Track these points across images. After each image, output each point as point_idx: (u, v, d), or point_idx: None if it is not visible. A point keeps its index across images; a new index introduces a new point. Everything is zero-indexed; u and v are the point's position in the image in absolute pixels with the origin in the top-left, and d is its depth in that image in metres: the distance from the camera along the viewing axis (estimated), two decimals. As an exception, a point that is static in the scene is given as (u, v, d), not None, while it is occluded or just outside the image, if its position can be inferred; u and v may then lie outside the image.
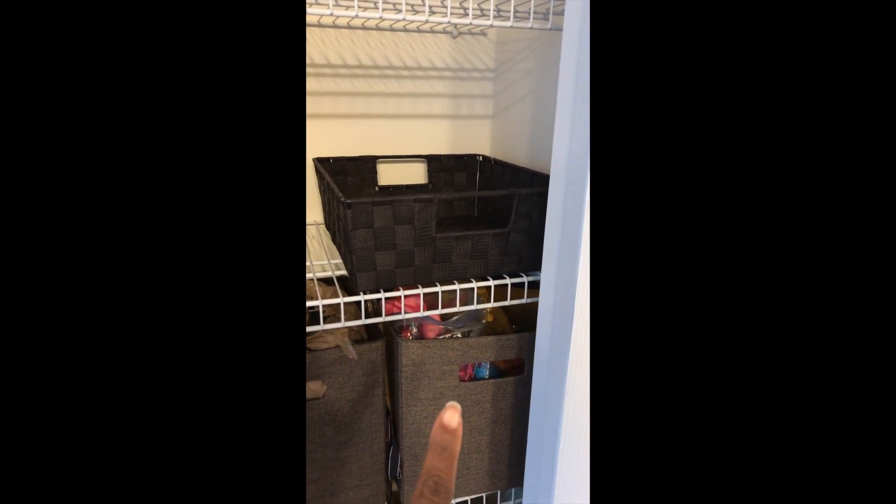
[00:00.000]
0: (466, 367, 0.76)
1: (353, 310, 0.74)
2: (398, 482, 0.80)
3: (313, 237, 0.91)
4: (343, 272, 0.71)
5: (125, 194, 0.25)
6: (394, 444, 0.79)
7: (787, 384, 0.27)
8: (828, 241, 0.27)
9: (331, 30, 0.85)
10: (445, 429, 0.25)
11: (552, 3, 0.60)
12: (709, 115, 0.28)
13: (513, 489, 0.85)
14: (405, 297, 0.65)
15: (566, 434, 0.57)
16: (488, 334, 0.74)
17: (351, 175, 0.90)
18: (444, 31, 0.91)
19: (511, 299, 0.70)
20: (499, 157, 0.92)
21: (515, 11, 0.60)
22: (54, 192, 0.24)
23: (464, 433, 0.59)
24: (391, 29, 0.87)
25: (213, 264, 0.26)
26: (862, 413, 0.26)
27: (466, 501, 0.84)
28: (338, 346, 0.69)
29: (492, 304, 0.70)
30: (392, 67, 0.90)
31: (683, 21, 0.29)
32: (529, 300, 0.69)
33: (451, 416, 0.25)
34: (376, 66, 0.89)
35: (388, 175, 0.94)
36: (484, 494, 0.82)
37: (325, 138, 0.89)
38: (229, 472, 0.26)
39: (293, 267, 0.28)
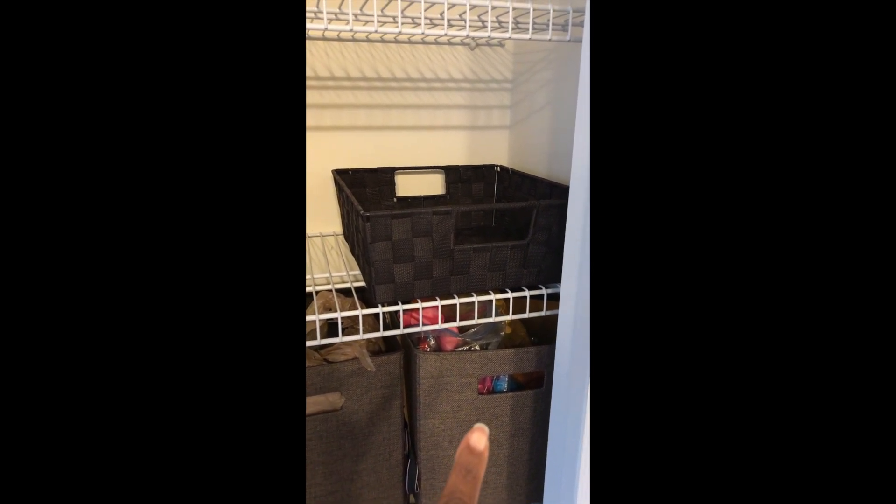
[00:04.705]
0: (485, 379, 0.75)
1: (372, 322, 0.74)
2: (416, 496, 0.79)
3: (332, 248, 0.92)
4: (361, 283, 0.71)
5: (123, 208, 0.25)
6: (411, 458, 0.78)
7: (804, 410, 0.27)
8: (831, 258, 0.26)
9: (350, 43, 0.86)
10: (472, 451, 0.24)
11: (571, 14, 0.60)
12: (716, 125, 0.28)
13: (532, 504, 0.84)
14: (423, 309, 0.65)
15: (587, 448, 0.56)
16: (507, 347, 0.73)
17: (369, 186, 0.90)
18: (462, 43, 0.91)
19: (530, 311, 0.69)
20: (517, 167, 0.91)
21: (534, 23, 0.60)
22: (57, 207, 0.25)
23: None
24: (409, 42, 0.88)
25: (213, 269, 0.26)
26: (863, 433, 0.25)
27: (485, 516, 0.83)
28: (356, 358, 0.69)
29: (510, 317, 0.69)
30: (410, 79, 0.90)
31: (683, 28, 0.28)
32: (548, 312, 0.68)
33: (479, 438, 0.25)
34: (395, 79, 0.90)
35: (407, 186, 0.95)
36: (502, 509, 0.81)
37: (344, 150, 0.90)
38: (226, 482, 0.26)
39: (293, 275, 0.27)
